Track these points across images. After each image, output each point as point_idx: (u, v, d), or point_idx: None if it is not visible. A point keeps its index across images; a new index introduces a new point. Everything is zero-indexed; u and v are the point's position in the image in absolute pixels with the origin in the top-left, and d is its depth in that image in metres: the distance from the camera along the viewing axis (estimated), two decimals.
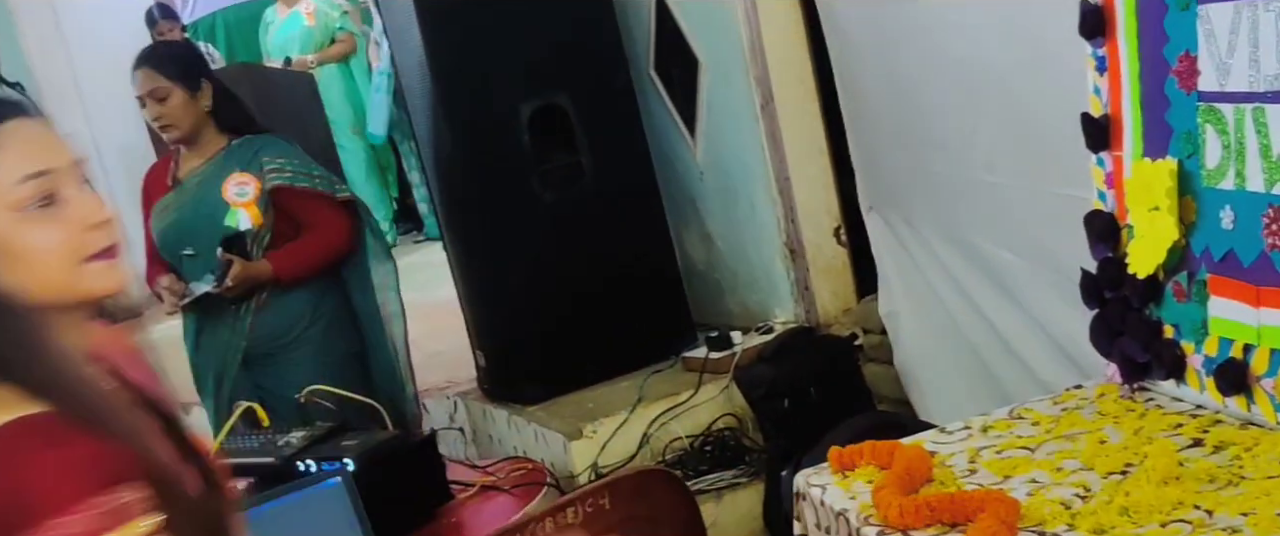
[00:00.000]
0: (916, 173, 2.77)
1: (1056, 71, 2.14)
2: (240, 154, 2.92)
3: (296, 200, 2.92)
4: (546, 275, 3.33)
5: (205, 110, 2.90)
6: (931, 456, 1.67)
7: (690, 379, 3.21)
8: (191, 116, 2.88)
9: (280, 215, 2.91)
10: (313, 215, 2.95)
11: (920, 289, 2.86)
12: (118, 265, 1.16)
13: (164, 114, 2.86)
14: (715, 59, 3.31)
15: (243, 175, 2.88)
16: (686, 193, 3.60)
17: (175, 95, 2.85)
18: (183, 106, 2.86)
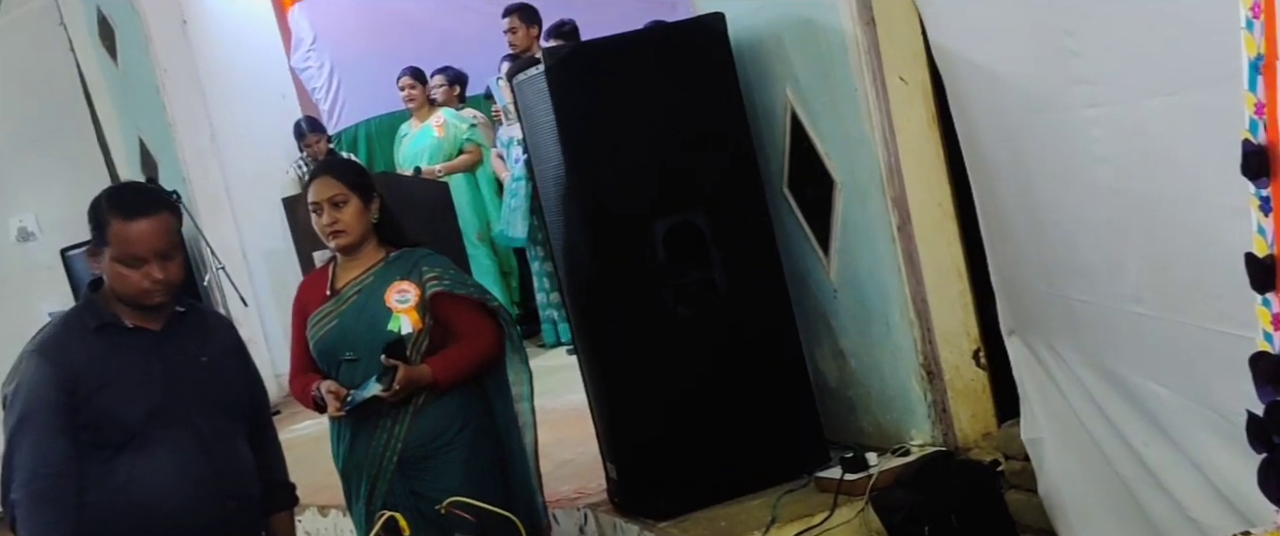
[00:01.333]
0: (1060, 299, 2.73)
1: (1214, 206, 2.11)
2: (401, 264, 3.04)
3: (453, 307, 3.02)
4: (679, 388, 3.35)
5: (372, 222, 3.04)
6: None
7: (824, 500, 3.17)
8: (361, 226, 3.02)
9: (435, 322, 3.01)
10: (466, 322, 3.04)
11: (1065, 416, 2.79)
12: None
13: (339, 220, 2.99)
14: (851, 179, 3.33)
15: (404, 283, 3.00)
16: (819, 310, 3.60)
17: (352, 203, 3.00)
18: (356, 215, 3.01)
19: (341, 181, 3.02)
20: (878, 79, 3.13)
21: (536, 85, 3.37)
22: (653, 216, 3.32)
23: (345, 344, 3.03)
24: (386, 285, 3.02)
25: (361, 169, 3.29)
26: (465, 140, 6.63)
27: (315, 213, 3.03)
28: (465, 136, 6.62)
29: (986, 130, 2.82)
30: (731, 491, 3.34)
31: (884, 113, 3.14)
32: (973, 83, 2.81)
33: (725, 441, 3.35)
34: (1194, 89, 2.11)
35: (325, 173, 3.09)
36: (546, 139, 3.40)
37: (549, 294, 6.36)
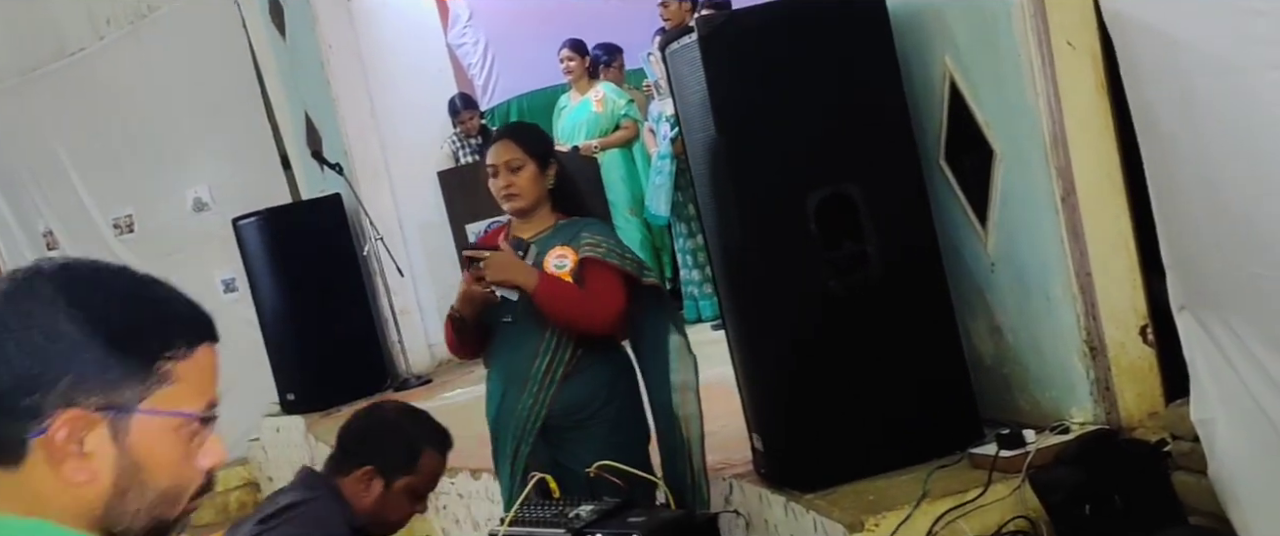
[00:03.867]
0: (1236, 274, 2.60)
1: None
2: (566, 231, 3.10)
3: (598, 272, 3.05)
4: (828, 361, 3.32)
5: (547, 188, 3.10)
6: None
7: (978, 477, 3.09)
8: (536, 191, 3.08)
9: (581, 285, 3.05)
10: (596, 284, 3.05)
11: (1239, 397, 2.66)
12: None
13: (514, 183, 3.06)
14: (1012, 149, 3.23)
15: (563, 248, 3.06)
16: (975, 284, 3.51)
17: (528, 168, 3.07)
18: (531, 180, 3.07)
19: (520, 145, 3.08)
20: (1043, 45, 3.02)
21: (689, 55, 3.37)
22: (805, 188, 3.29)
23: (505, 306, 3.10)
24: (548, 250, 3.07)
25: (542, 135, 3.33)
26: (622, 115, 6.69)
27: (492, 175, 3.10)
28: (622, 112, 6.68)
29: (1160, 96, 2.70)
30: (880, 466, 3.29)
31: (1049, 80, 3.03)
32: (1146, 46, 2.69)
33: (875, 416, 3.31)
34: None
35: (505, 136, 3.16)
36: (698, 109, 3.40)
37: (691, 270, 6.38)
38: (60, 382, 1.03)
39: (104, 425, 1.04)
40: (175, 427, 1.07)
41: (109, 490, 1.05)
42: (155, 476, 1.06)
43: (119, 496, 1.05)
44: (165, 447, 1.07)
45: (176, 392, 1.07)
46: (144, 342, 1.06)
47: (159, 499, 1.07)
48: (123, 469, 1.05)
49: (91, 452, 1.04)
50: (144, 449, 1.06)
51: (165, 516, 1.08)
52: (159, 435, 1.06)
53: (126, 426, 1.05)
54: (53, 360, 1.03)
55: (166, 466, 1.07)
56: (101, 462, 1.04)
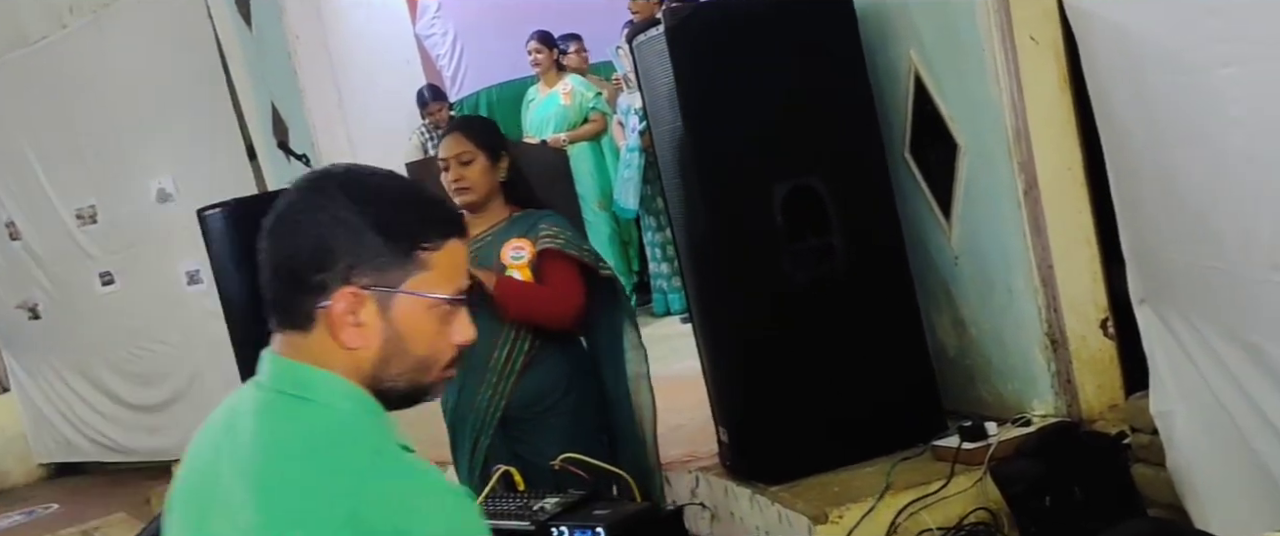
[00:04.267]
0: (1195, 268, 2.63)
1: None
2: (522, 223, 3.08)
3: (556, 264, 3.04)
4: (794, 355, 3.33)
5: (500, 181, 3.08)
6: None
7: (940, 469, 3.12)
8: (488, 184, 3.06)
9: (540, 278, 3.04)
10: (555, 277, 3.04)
11: (1197, 389, 2.69)
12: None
13: (464, 177, 3.04)
14: (976, 143, 3.25)
15: (520, 240, 3.04)
16: (939, 277, 3.53)
17: (478, 161, 3.05)
18: (482, 173, 3.05)
19: (469, 139, 3.06)
20: (1007, 39, 3.05)
21: (656, 46, 3.37)
22: (771, 180, 3.29)
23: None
24: (504, 242, 3.06)
25: (492, 128, 3.32)
26: (591, 108, 6.67)
27: (443, 169, 3.09)
28: (591, 104, 6.66)
29: (1120, 91, 2.72)
30: (845, 458, 3.31)
31: (1013, 74, 3.06)
32: (1107, 42, 2.72)
33: (840, 408, 3.32)
34: None
35: (455, 130, 3.14)
36: (665, 100, 3.40)
37: (660, 264, 6.38)
38: (340, 265, 1.26)
39: (374, 301, 1.27)
40: (429, 307, 1.29)
41: (377, 355, 1.28)
42: (414, 346, 1.29)
43: (384, 361, 1.28)
44: (422, 323, 1.29)
45: (431, 278, 1.28)
46: (406, 234, 1.28)
47: (416, 365, 1.30)
48: (388, 338, 1.28)
49: (364, 324, 1.27)
50: (405, 323, 1.28)
51: (422, 381, 1.32)
52: (417, 312, 1.28)
53: (391, 304, 1.27)
54: (336, 245, 1.26)
55: (423, 339, 1.29)
56: (372, 332, 1.27)
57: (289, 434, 1.26)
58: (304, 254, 1.27)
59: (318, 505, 1.20)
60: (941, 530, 2.99)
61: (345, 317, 1.26)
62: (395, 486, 1.22)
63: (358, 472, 1.22)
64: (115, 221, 7.41)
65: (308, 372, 1.28)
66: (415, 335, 1.29)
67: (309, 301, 1.27)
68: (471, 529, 1.26)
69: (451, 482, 1.31)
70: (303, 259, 1.27)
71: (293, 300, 1.28)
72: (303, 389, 1.28)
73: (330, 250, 1.26)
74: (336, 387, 1.28)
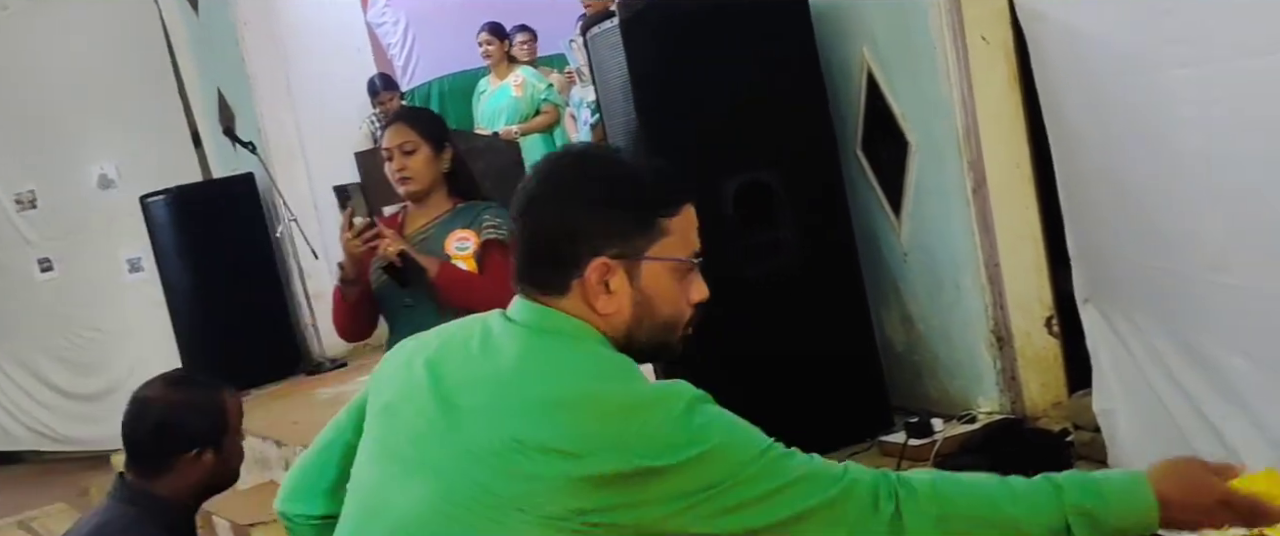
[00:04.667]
0: (1139, 267, 2.66)
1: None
2: (466, 214, 3.06)
3: (495, 254, 3.02)
4: (744, 350, 3.33)
5: (443, 171, 3.06)
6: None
7: (887, 464, 3.13)
8: (431, 175, 3.03)
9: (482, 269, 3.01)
10: (497, 269, 3.02)
11: (1140, 388, 2.73)
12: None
13: (407, 167, 3.01)
14: (926, 140, 3.27)
15: (464, 231, 3.01)
16: (888, 273, 3.55)
17: (422, 151, 3.02)
18: (426, 163, 3.02)
19: (413, 129, 3.04)
20: (958, 38, 3.07)
21: (610, 38, 3.36)
22: (724, 174, 3.30)
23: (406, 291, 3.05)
24: (448, 233, 3.03)
25: (435, 118, 3.29)
26: (543, 100, 6.64)
27: (387, 159, 3.06)
28: (543, 96, 6.63)
29: (1070, 91, 2.75)
30: None
31: (964, 73, 3.08)
32: (1058, 42, 2.74)
33: (788, 403, 3.32)
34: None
35: (398, 120, 3.11)
36: (618, 93, 3.39)
37: None
38: (589, 238, 1.39)
39: (623, 269, 1.39)
40: (672, 269, 1.41)
41: (629, 318, 1.41)
42: (661, 307, 1.42)
43: (636, 323, 1.41)
44: (667, 285, 1.41)
45: (672, 242, 1.41)
46: (645, 205, 1.40)
47: (663, 325, 1.43)
48: (638, 302, 1.40)
49: (615, 290, 1.39)
50: (652, 287, 1.41)
51: (668, 340, 1.45)
52: (662, 276, 1.41)
53: (638, 270, 1.40)
54: (585, 222, 1.39)
55: (669, 300, 1.42)
56: (622, 297, 1.40)
57: (566, 364, 1.37)
58: (556, 233, 1.40)
59: (606, 432, 1.30)
60: None
61: (598, 286, 1.39)
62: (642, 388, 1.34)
63: (640, 406, 1.32)
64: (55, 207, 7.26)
65: (561, 317, 1.40)
66: (661, 297, 1.41)
67: (563, 275, 1.40)
68: (714, 411, 1.38)
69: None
70: (555, 237, 1.40)
71: (548, 275, 1.41)
72: (555, 324, 1.40)
73: (580, 227, 1.39)
74: (595, 335, 1.40)
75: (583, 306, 1.40)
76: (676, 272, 1.42)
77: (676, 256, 1.41)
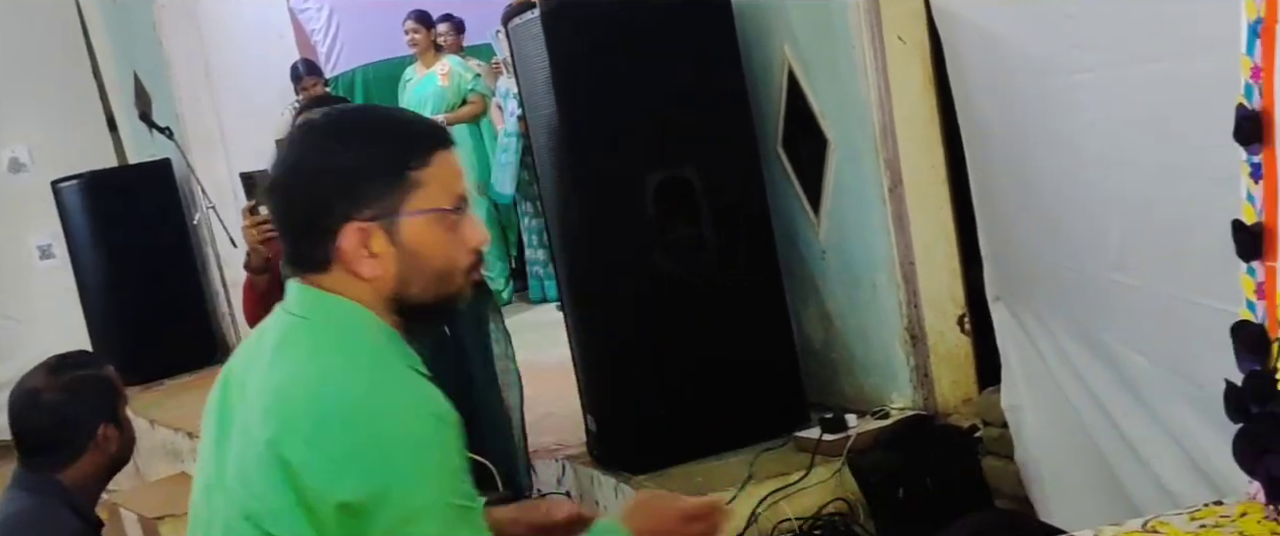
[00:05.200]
0: (1046, 266, 2.72)
1: (1199, 176, 2.10)
2: None
3: None
4: (663, 345, 3.33)
5: None
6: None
7: (802, 459, 3.16)
8: None
9: None
10: None
11: (1046, 385, 2.79)
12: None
13: None
14: (845, 139, 3.30)
15: None
16: (807, 271, 3.58)
17: None
18: None
19: None
20: (877, 38, 3.10)
21: (531, 30, 3.33)
22: (644, 169, 3.29)
23: None
24: None
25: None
26: (469, 90, 6.57)
27: None
28: (469, 86, 6.57)
29: (982, 93, 2.80)
30: (710, 448, 3.33)
31: (881, 73, 3.11)
32: (971, 45, 2.79)
33: (707, 399, 3.34)
34: (1184, 56, 2.09)
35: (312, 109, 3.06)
36: (540, 86, 3.37)
37: (537, 250, 6.34)
38: (340, 206, 1.34)
39: (381, 230, 1.36)
40: (434, 221, 1.37)
41: (396, 277, 1.37)
42: (431, 261, 1.38)
43: (404, 282, 1.38)
44: (433, 238, 1.37)
45: (428, 194, 1.37)
46: (393, 160, 1.36)
47: (437, 277, 1.39)
48: (403, 260, 1.37)
49: (379, 253, 1.36)
50: (416, 242, 1.37)
51: (446, 291, 1.41)
52: (425, 229, 1.37)
53: (397, 227, 1.36)
54: (332, 190, 1.35)
55: (437, 252, 1.38)
56: (386, 259, 1.36)
57: (299, 354, 1.35)
58: (308, 205, 1.36)
59: (316, 416, 1.29)
60: (800, 520, 3.03)
61: (357, 252, 1.35)
62: (379, 396, 1.31)
63: (351, 383, 1.31)
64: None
65: (324, 298, 1.38)
66: (428, 250, 1.37)
67: (323, 248, 1.36)
68: (441, 444, 1.32)
69: (437, 403, 1.35)
70: (308, 211, 1.36)
71: (310, 250, 1.38)
72: (317, 310, 1.38)
73: (330, 196, 1.35)
74: (350, 310, 1.37)
75: (348, 277, 1.37)
76: (441, 223, 1.38)
77: (436, 207, 1.37)
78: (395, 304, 1.39)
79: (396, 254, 1.36)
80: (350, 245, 1.35)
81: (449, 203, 1.38)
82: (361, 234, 1.35)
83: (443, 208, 1.37)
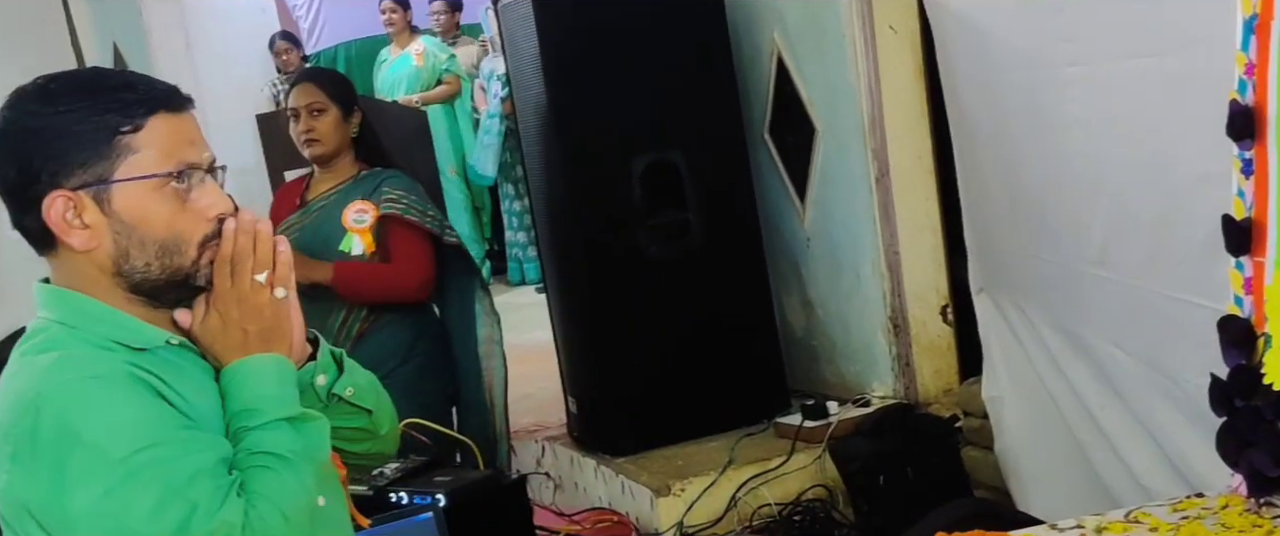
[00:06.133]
0: (1029, 259, 2.73)
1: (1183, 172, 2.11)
2: (366, 183, 2.99)
3: (399, 232, 2.96)
4: (645, 328, 3.34)
5: (350, 136, 2.99)
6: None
7: (782, 445, 3.18)
8: (338, 138, 2.97)
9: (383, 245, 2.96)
10: (404, 250, 2.97)
11: (1027, 376, 2.80)
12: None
13: (315, 128, 2.94)
14: (832, 128, 3.31)
15: (363, 202, 2.95)
16: (791, 258, 3.59)
17: (330, 113, 2.95)
18: (334, 126, 2.95)
19: (322, 90, 2.96)
20: (867, 27, 3.10)
21: (521, 10, 3.32)
22: (631, 153, 3.29)
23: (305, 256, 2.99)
24: (347, 202, 2.97)
25: (345, 81, 3.22)
26: (444, 70, 6.54)
27: (293, 118, 2.98)
28: (444, 66, 6.53)
29: (970, 84, 2.80)
30: (690, 432, 3.34)
31: (871, 62, 3.11)
32: (960, 35, 2.79)
33: (688, 383, 3.35)
34: (1173, 51, 2.10)
35: (307, 79, 3.04)
36: (529, 67, 3.36)
37: (517, 232, 6.32)
38: (45, 174, 1.24)
39: (90, 199, 1.25)
40: (154, 188, 1.26)
41: (111, 251, 1.26)
42: (150, 231, 1.27)
43: (123, 255, 1.27)
44: (152, 206, 1.26)
45: (143, 159, 1.26)
46: (101, 125, 1.25)
47: (161, 249, 1.27)
48: (117, 231, 1.26)
49: (92, 224, 1.26)
50: (131, 212, 1.26)
51: (178, 264, 1.28)
52: (142, 198, 1.26)
53: (108, 196, 1.25)
54: (36, 156, 1.24)
55: (157, 221, 1.27)
56: (100, 230, 1.26)
57: (11, 364, 1.27)
58: (13, 175, 1.26)
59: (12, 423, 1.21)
60: (779, 505, 3.05)
61: (63, 223, 1.25)
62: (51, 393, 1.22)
63: (34, 389, 1.22)
64: None
65: (55, 296, 1.29)
66: (147, 221, 1.26)
67: (35, 219, 1.26)
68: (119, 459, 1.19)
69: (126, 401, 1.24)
70: (14, 181, 1.26)
71: (29, 225, 1.27)
72: (47, 308, 1.30)
73: (32, 163, 1.25)
74: (77, 308, 1.28)
75: (72, 255, 1.27)
76: (162, 191, 1.26)
77: (151, 172, 1.25)
78: (123, 282, 1.27)
79: (109, 225, 1.25)
80: (56, 215, 1.24)
81: (169, 167, 1.26)
82: (67, 202, 1.24)
83: (158, 172, 1.25)
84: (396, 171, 3.07)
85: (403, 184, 3.02)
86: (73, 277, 1.29)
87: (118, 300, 1.29)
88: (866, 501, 2.94)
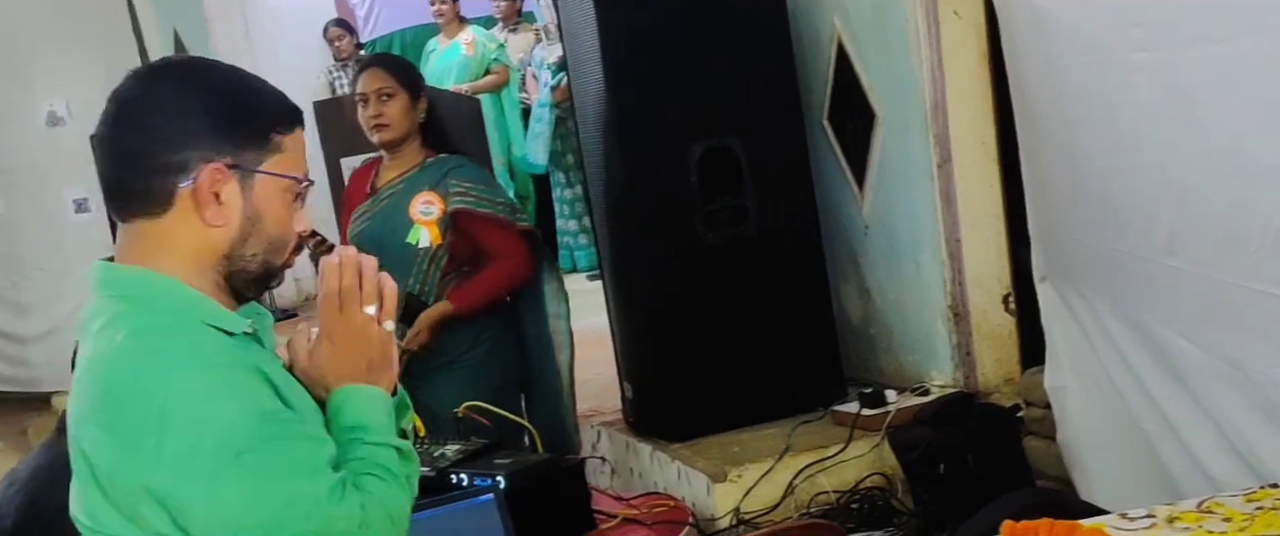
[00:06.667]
0: (1095, 248, 2.69)
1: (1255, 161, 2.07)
2: (433, 171, 3.01)
3: (478, 225, 2.99)
4: (702, 315, 3.34)
5: (418, 121, 3.01)
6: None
7: (839, 433, 3.16)
8: (406, 123, 2.99)
9: (460, 237, 2.99)
10: (496, 243, 3.01)
11: (1091, 366, 2.77)
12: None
13: (384, 113, 2.97)
14: (893, 114, 3.28)
15: (429, 194, 2.97)
16: (849, 245, 3.57)
17: (399, 98, 2.97)
18: (402, 111, 2.98)
19: (391, 74, 2.99)
20: (931, 12, 3.07)
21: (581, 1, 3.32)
22: (689, 139, 3.28)
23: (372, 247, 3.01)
24: (415, 192, 2.99)
25: (411, 66, 3.25)
26: (493, 60, 6.57)
27: (361, 104, 3.00)
28: (493, 56, 6.56)
29: (1035, 70, 2.76)
30: (746, 419, 3.34)
31: (934, 47, 3.08)
32: (1026, 20, 2.75)
33: (744, 370, 3.35)
34: (1245, 36, 2.06)
35: (375, 65, 3.06)
36: (588, 55, 3.36)
37: (568, 220, 6.34)
38: (201, 145, 1.29)
39: (236, 180, 1.31)
40: (285, 188, 1.34)
41: (236, 233, 1.32)
42: (269, 227, 1.34)
43: (243, 240, 1.33)
44: (277, 204, 1.34)
45: (285, 160, 1.34)
46: (262, 119, 1.33)
47: (270, 245, 1.35)
48: (247, 217, 1.32)
49: (226, 202, 1.31)
50: (263, 203, 1.33)
51: (274, 262, 1.36)
52: (273, 193, 1.33)
53: (251, 183, 1.32)
54: (195, 128, 1.29)
55: (278, 219, 1.35)
56: (232, 210, 1.31)
57: (107, 350, 1.28)
58: (162, 138, 1.30)
59: (100, 396, 1.25)
60: (837, 493, 3.04)
61: (209, 195, 1.30)
62: (164, 375, 1.24)
63: (138, 361, 1.25)
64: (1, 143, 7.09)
65: (138, 278, 1.31)
66: (271, 214, 1.34)
67: (168, 182, 1.29)
68: (231, 430, 1.23)
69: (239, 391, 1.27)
70: (160, 143, 1.29)
71: (148, 184, 1.30)
72: (130, 290, 1.31)
73: (189, 132, 1.29)
74: (166, 290, 1.30)
75: (181, 224, 1.30)
76: (287, 193, 1.34)
77: (291, 173, 1.34)
78: (225, 266, 1.33)
79: (243, 207, 1.31)
80: (205, 183, 1.29)
81: (300, 173, 1.36)
82: (219, 175, 1.29)
83: (296, 175, 1.34)
84: (463, 159, 3.09)
85: (469, 173, 3.04)
86: (163, 253, 1.31)
87: (206, 285, 1.33)
88: (926, 490, 2.92)
